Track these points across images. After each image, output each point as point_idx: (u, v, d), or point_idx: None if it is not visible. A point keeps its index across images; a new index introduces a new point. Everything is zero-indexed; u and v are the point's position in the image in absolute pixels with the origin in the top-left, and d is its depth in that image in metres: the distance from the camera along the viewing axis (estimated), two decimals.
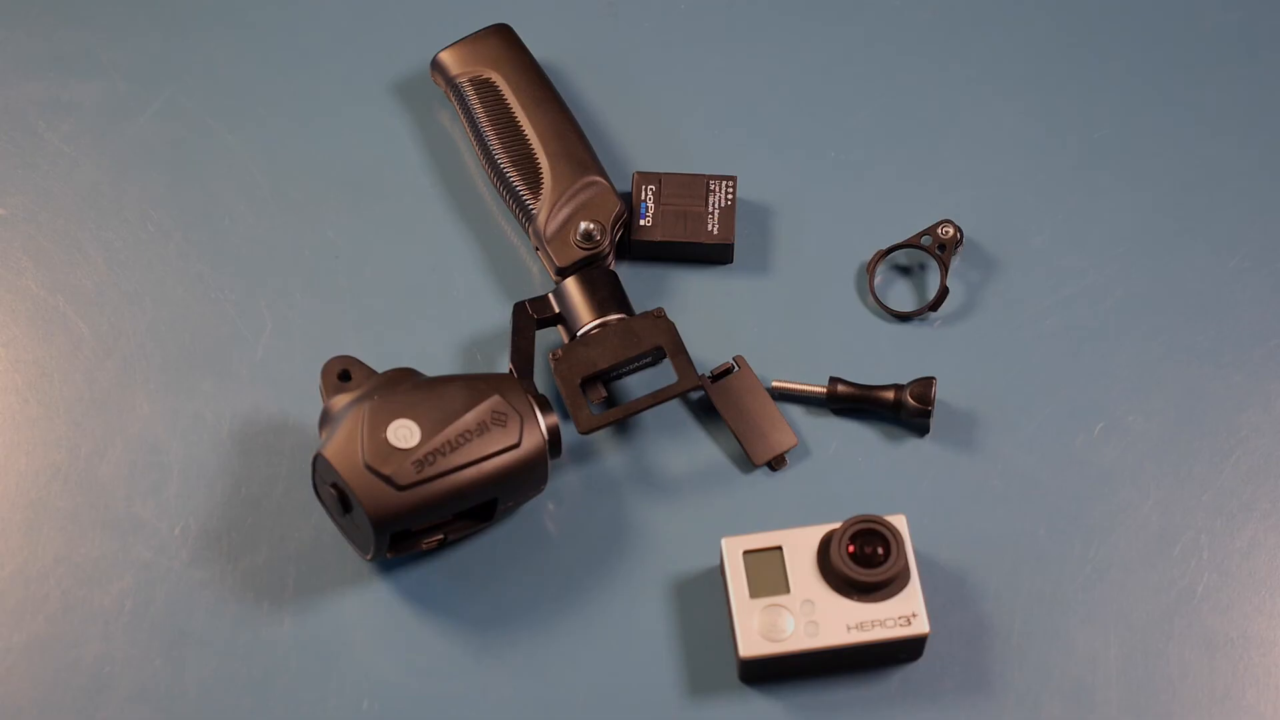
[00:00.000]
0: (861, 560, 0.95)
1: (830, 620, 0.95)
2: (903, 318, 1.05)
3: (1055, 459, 1.02)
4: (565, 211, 1.04)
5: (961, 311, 1.05)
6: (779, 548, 0.96)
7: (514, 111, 1.06)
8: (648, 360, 1.02)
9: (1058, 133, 1.09)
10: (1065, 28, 1.12)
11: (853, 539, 0.95)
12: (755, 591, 0.95)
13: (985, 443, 1.02)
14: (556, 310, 1.03)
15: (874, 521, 0.95)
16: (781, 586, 0.96)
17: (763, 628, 0.95)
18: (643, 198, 1.06)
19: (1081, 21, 1.12)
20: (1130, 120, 1.09)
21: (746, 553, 0.96)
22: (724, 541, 0.96)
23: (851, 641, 0.94)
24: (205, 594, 0.99)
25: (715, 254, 1.06)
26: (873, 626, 0.94)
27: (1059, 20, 1.12)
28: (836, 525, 0.96)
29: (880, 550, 0.95)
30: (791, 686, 0.97)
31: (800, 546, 0.96)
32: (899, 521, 0.96)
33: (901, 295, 1.06)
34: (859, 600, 0.95)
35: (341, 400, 0.97)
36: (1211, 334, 1.04)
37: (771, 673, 0.96)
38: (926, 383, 1.01)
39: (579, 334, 1.02)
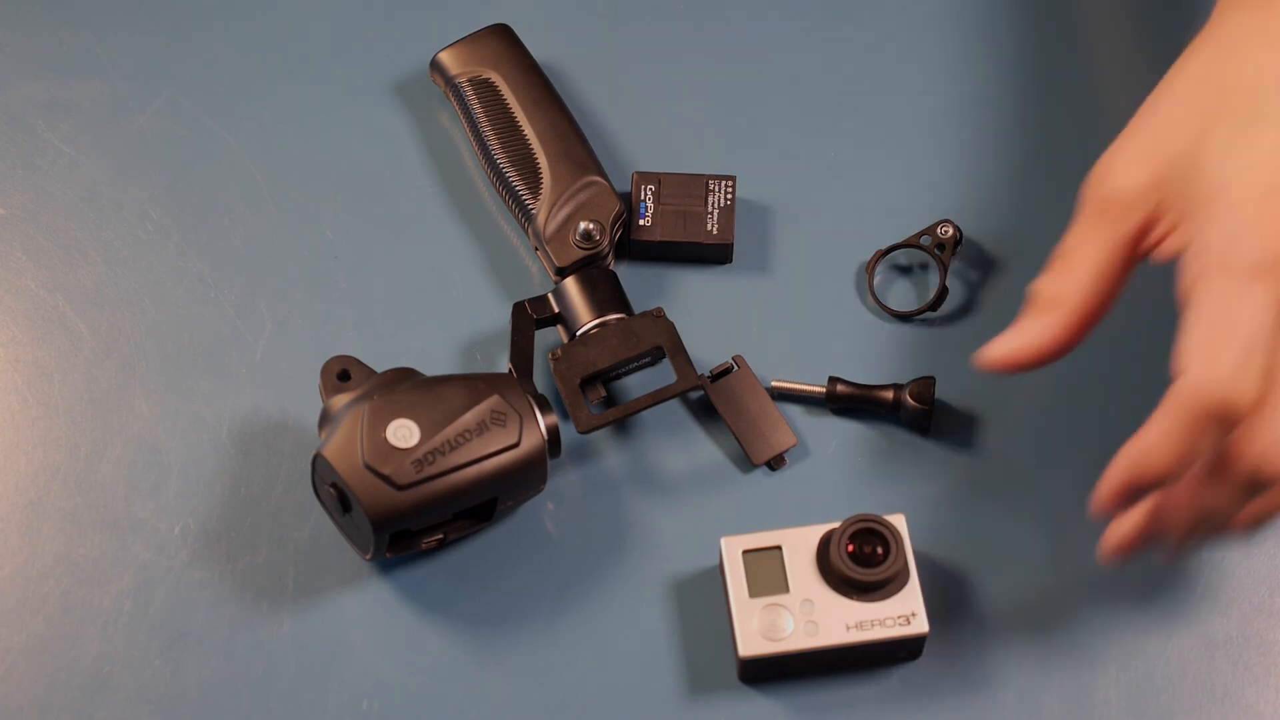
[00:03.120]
0: (861, 560, 0.95)
1: (830, 620, 0.95)
2: (902, 318, 1.05)
3: (1055, 458, 1.01)
4: (565, 211, 1.04)
5: (961, 311, 1.05)
6: (778, 547, 0.96)
7: (513, 111, 1.06)
8: (647, 360, 1.02)
9: (1058, 132, 1.09)
10: (1065, 28, 1.12)
11: (852, 538, 0.95)
12: (754, 591, 0.95)
13: (985, 443, 1.02)
14: (556, 310, 1.03)
15: (873, 521, 0.95)
16: (781, 586, 0.96)
17: (762, 627, 0.95)
18: (642, 198, 1.06)
19: (1082, 22, 1.12)
20: (1130, 120, 1.09)
21: (746, 552, 0.96)
22: (723, 541, 0.96)
23: (851, 641, 0.94)
24: (205, 594, 0.99)
25: (714, 254, 1.06)
26: (872, 626, 0.94)
27: (1059, 20, 1.12)
28: (836, 525, 0.96)
29: (879, 550, 0.95)
30: (791, 686, 0.97)
31: (799, 546, 0.96)
32: (898, 521, 0.96)
33: (901, 295, 1.06)
34: (858, 600, 0.95)
35: (341, 400, 0.97)
36: None
37: (771, 672, 0.96)
38: (926, 383, 1.01)
39: (578, 334, 1.02)
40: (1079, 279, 0.91)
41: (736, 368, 1.03)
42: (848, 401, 1.02)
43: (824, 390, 1.02)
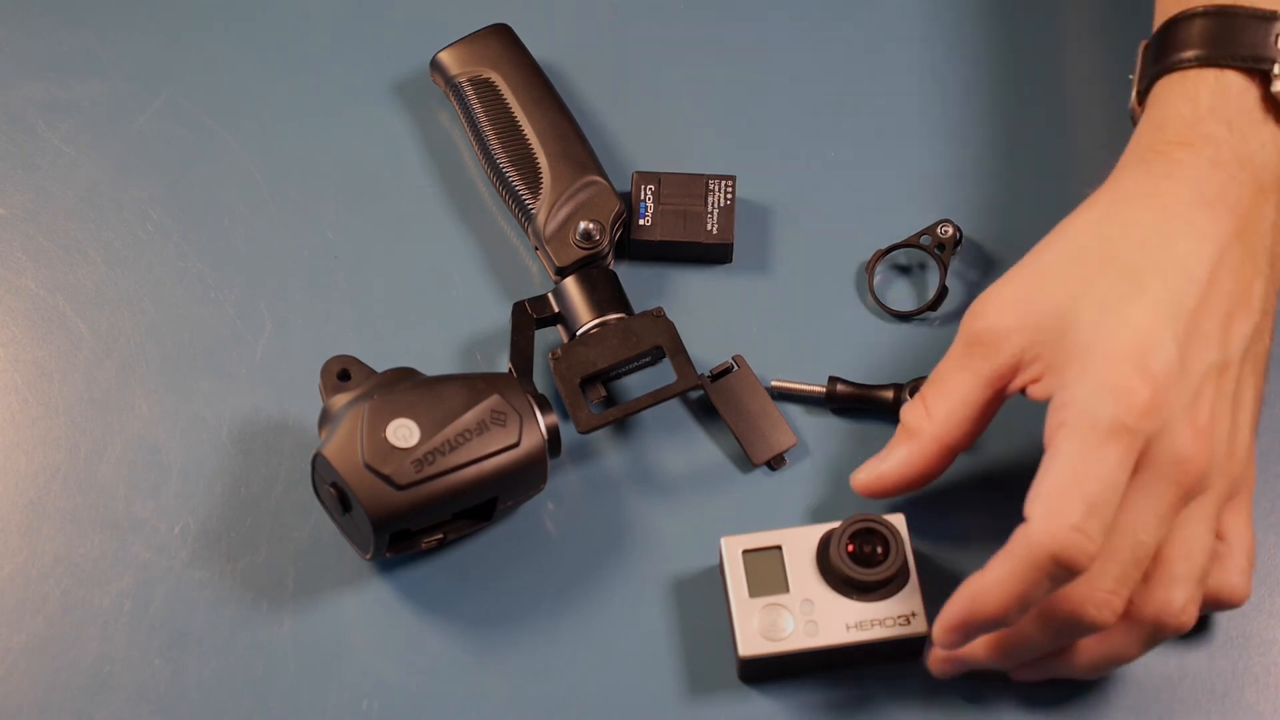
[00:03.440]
0: (860, 559, 0.95)
1: (830, 620, 0.95)
2: (902, 317, 1.05)
3: None
4: (564, 211, 1.04)
5: (961, 311, 1.05)
6: (778, 547, 0.96)
7: (513, 111, 1.06)
8: (647, 360, 1.02)
9: (1058, 132, 1.09)
10: (1065, 27, 1.12)
11: (852, 538, 0.95)
12: (755, 591, 0.95)
13: (985, 442, 1.01)
14: (556, 310, 1.03)
15: (873, 521, 0.95)
16: (781, 586, 0.95)
17: (762, 627, 0.95)
18: (642, 197, 1.06)
19: (1081, 21, 1.12)
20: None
21: (746, 552, 0.96)
22: (723, 541, 0.96)
23: (851, 641, 0.94)
24: (205, 594, 0.99)
25: (714, 254, 1.06)
26: (872, 626, 0.94)
27: (1059, 20, 1.12)
28: (836, 525, 0.96)
29: (879, 549, 0.95)
30: (791, 686, 0.97)
31: (800, 546, 0.96)
32: (898, 521, 0.96)
33: (901, 295, 1.06)
34: (858, 599, 0.95)
35: (341, 400, 0.97)
36: None
37: (771, 672, 0.96)
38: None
39: (578, 334, 1.02)
40: (939, 412, 0.94)
41: (736, 368, 1.03)
42: (848, 401, 1.02)
43: (824, 390, 1.02)
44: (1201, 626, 0.98)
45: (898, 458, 0.95)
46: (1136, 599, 0.91)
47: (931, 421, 0.95)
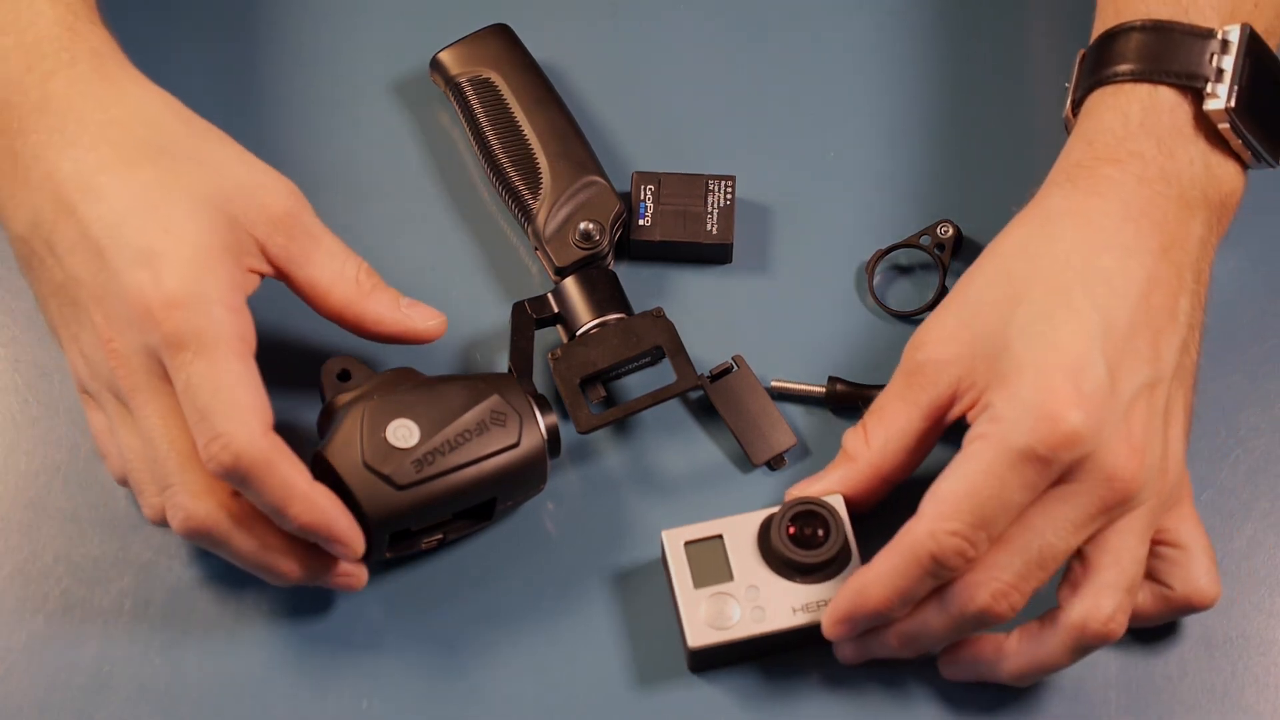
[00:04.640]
0: (802, 542, 0.95)
1: (776, 604, 0.95)
2: (902, 317, 1.05)
3: None
4: (564, 211, 1.04)
5: None
6: (719, 536, 0.96)
7: (513, 111, 1.06)
8: (647, 360, 1.03)
9: (1057, 131, 1.09)
10: (1064, 26, 1.12)
11: (792, 521, 0.95)
12: (699, 581, 0.96)
13: None
14: (556, 310, 1.03)
15: (812, 503, 0.95)
16: (725, 574, 0.96)
17: (709, 617, 0.95)
18: (642, 197, 1.06)
19: (1080, 20, 1.12)
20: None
21: (688, 543, 0.96)
22: (664, 534, 0.96)
23: (798, 624, 0.95)
24: (205, 594, 0.99)
25: (714, 254, 1.06)
26: (818, 607, 0.95)
27: (1058, 20, 1.12)
28: (775, 509, 0.96)
29: (820, 532, 0.95)
30: (743, 672, 0.97)
31: (740, 533, 0.96)
32: (836, 502, 0.96)
33: (901, 295, 1.06)
34: (802, 582, 0.95)
35: (341, 400, 0.97)
36: (1211, 334, 1.03)
37: (721, 660, 0.96)
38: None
39: (578, 334, 1.02)
40: (877, 440, 0.95)
41: (736, 368, 1.03)
42: (847, 401, 1.02)
43: (824, 390, 1.02)
44: (1199, 626, 0.98)
45: (830, 480, 0.97)
46: (1064, 604, 0.92)
47: (869, 449, 0.96)
